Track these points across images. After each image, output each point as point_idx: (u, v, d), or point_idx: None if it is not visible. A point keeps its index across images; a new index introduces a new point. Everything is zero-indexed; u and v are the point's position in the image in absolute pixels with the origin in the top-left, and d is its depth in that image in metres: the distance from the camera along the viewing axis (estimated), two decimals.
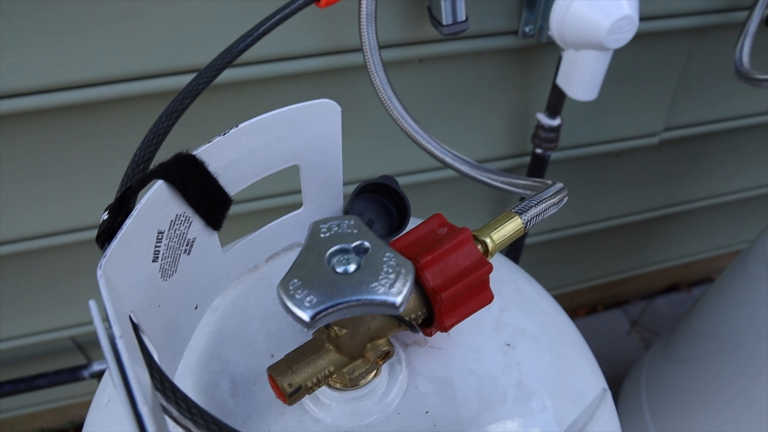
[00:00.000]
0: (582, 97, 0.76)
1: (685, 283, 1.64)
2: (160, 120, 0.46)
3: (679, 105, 1.01)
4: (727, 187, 1.26)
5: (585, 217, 1.18)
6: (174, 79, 0.70)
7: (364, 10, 0.60)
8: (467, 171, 0.62)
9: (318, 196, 0.45)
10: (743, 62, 0.80)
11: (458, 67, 0.82)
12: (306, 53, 0.72)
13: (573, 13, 0.68)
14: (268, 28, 0.57)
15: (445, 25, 0.66)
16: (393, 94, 0.63)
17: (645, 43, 0.89)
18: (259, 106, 0.77)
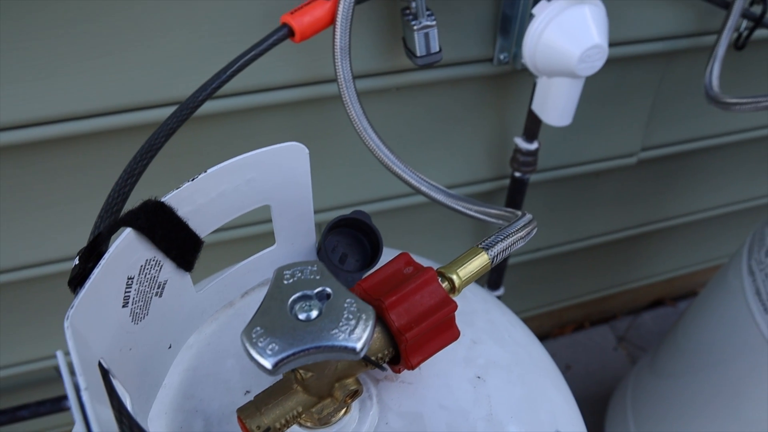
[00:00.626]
0: (557, 122, 0.77)
1: (670, 298, 1.66)
2: (134, 161, 0.47)
3: (654, 125, 1.03)
4: (705, 203, 1.28)
5: (567, 236, 1.20)
6: (153, 112, 0.71)
7: (338, 44, 0.61)
8: (442, 200, 0.63)
9: (290, 233, 0.45)
10: (713, 86, 0.82)
11: (436, 93, 0.83)
12: (284, 84, 0.73)
13: (544, 42, 0.69)
14: (242, 65, 0.58)
15: (419, 56, 0.68)
16: (368, 125, 0.64)
17: (619, 67, 0.91)
18: (240, 136, 0.78)
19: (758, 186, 1.30)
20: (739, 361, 0.89)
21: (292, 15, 0.60)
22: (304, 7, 0.60)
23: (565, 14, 0.68)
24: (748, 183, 1.28)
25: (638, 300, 1.62)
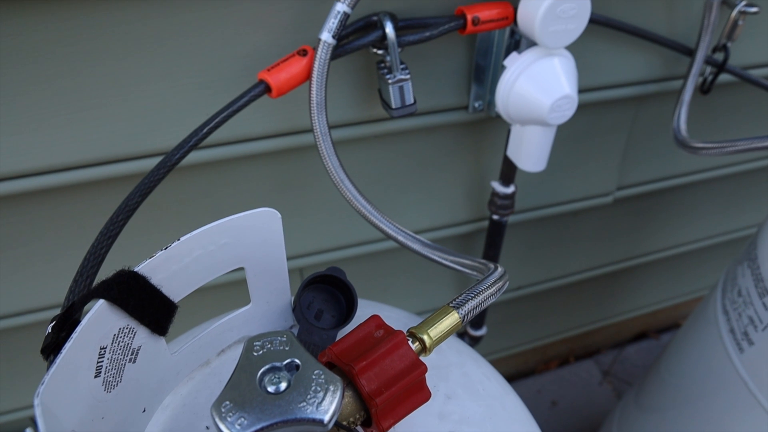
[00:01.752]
0: (531, 168, 0.79)
1: (654, 331, 1.67)
2: (110, 222, 0.47)
3: (628, 165, 1.05)
4: (681, 238, 1.30)
5: (548, 274, 1.21)
6: (135, 163, 0.72)
7: (314, 98, 0.63)
8: (418, 249, 0.64)
9: (265, 292, 0.46)
10: (681, 130, 0.84)
11: (414, 140, 0.85)
12: (264, 135, 0.74)
13: (516, 93, 0.71)
14: (219, 122, 0.59)
15: (394, 108, 0.69)
16: (345, 176, 0.65)
17: (592, 111, 0.94)
18: (222, 185, 0.79)
19: (732, 220, 1.33)
20: (720, 398, 0.89)
21: (269, 72, 0.61)
22: (281, 63, 0.62)
23: (536, 66, 0.70)
24: (722, 217, 1.31)
25: (622, 333, 1.63)
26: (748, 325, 0.74)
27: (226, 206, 0.81)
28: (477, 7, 0.69)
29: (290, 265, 0.92)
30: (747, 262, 0.78)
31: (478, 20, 0.69)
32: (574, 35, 0.68)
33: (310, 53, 0.62)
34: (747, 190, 1.27)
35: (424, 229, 0.96)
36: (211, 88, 0.69)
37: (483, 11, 0.69)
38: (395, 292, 1.07)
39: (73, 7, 0.59)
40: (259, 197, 0.82)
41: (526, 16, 0.67)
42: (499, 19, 0.70)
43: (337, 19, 0.60)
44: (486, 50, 0.76)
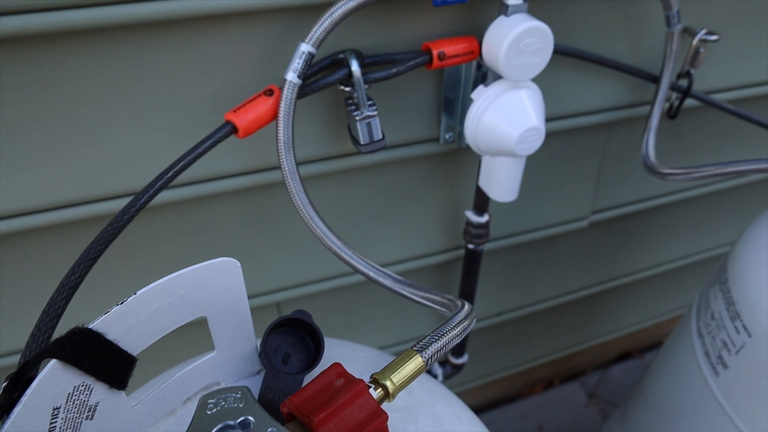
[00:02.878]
0: (503, 198, 0.79)
1: (637, 350, 1.67)
2: (72, 271, 0.47)
3: (602, 189, 1.06)
4: (659, 258, 1.31)
5: (528, 299, 1.21)
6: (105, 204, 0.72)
7: (282, 138, 0.63)
8: (390, 285, 0.64)
9: (230, 339, 0.46)
10: (650, 156, 0.86)
11: (387, 172, 0.85)
12: (233, 173, 0.74)
13: (484, 125, 0.72)
14: (185, 165, 0.59)
15: (362, 144, 0.70)
16: (315, 214, 0.65)
17: (563, 138, 0.95)
18: (192, 223, 0.79)
19: (707, 239, 1.34)
20: (699, 421, 0.89)
21: (235, 113, 0.61)
22: (247, 104, 0.62)
23: (503, 98, 0.71)
24: (697, 237, 1.32)
25: (606, 354, 1.63)
26: (722, 348, 0.75)
27: (199, 244, 0.81)
28: (442, 42, 0.70)
29: (267, 300, 0.92)
30: (719, 285, 0.79)
31: (444, 55, 0.70)
32: (538, 68, 0.69)
33: (276, 93, 0.63)
34: (720, 209, 1.29)
35: (400, 259, 0.96)
36: (179, 128, 0.69)
37: (448, 46, 0.70)
38: (374, 322, 1.06)
39: (39, 53, 0.59)
40: (233, 234, 0.82)
41: (490, 51, 0.68)
42: (464, 54, 0.71)
43: (302, 59, 0.61)
44: (454, 83, 0.77)
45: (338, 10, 0.60)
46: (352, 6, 0.60)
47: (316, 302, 0.98)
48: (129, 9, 0.58)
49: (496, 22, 0.67)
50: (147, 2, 0.58)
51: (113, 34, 0.60)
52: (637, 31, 0.86)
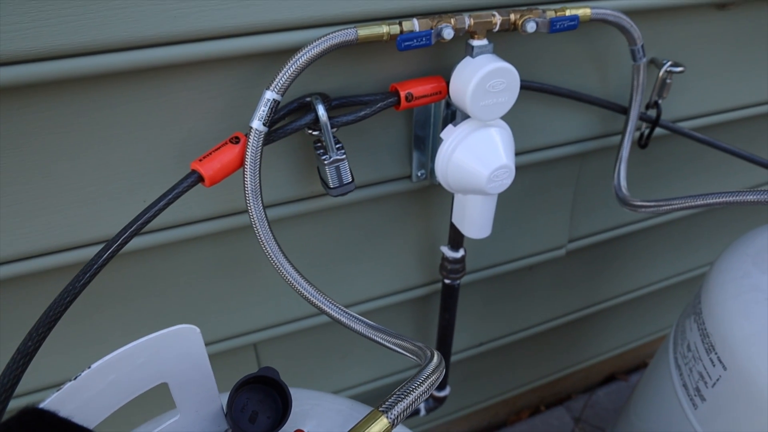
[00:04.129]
0: (476, 235, 0.79)
1: (622, 372, 1.67)
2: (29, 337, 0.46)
3: (578, 218, 1.07)
4: (637, 282, 1.32)
5: (509, 328, 1.21)
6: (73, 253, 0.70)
7: (249, 186, 0.62)
8: (362, 330, 0.63)
9: (193, 402, 0.45)
10: (621, 187, 0.86)
11: (361, 211, 0.85)
12: (203, 218, 0.74)
13: (454, 164, 0.72)
14: (151, 217, 0.58)
15: (332, 187, 0.69)
16: (285, 261, 0.64)
17: (537, 170, 0.95)
18: (163, 268, 0.78)
19: (685, 261, 1.35)
20: None
21: (201, 162, 0.61)
22: (213, 152, 0.62)
23: (472, 137, 0.71)
24: (675, 259, 1.33)
25: (591, 377, 1.63)
26: (699, 381, 0.75)
27: (172, 288, 0.80)
28: (410, 83, 0.70)
29: (244, 341, 0.90)
30: (693, 316, 0.79)
31: (412, 96, 0.70)
32: (506, 107, 0.69)
33: (242, 140, 0.62)
34: (697, 231, 1.30)
35: (378, 295, 0.96)
36: (148, 174, 0.68)
37: (416, 87, 0.70)
38: (354, 358, 1.05)
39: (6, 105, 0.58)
40: (207, 277, 0.81)
41: (457, 92, 0.68)
42: (432, 94, 0.71)
43: (267, 106, 0.60)
44: (424, 122, 0.77)
45: (302, 57, 0.60)
46: (316, 53, 0.60)
47: (294, 341, 0.97)
48: (94, 60, 0.58)
49: (462, 63, 0.68)
50: (112, 53, 0.58)
51: (78, 84, 0.60)
52: (605, 64, 0.87)
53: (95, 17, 0.55)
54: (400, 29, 0.63)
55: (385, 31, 0.63)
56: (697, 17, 0.90)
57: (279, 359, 0.98)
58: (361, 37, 0.62)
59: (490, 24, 0.67)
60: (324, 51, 0.61)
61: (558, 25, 0.69)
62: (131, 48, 0.58)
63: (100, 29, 0.56)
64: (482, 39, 0.68)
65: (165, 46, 0.59)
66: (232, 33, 0.61)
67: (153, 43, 0.59)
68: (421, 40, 0.63)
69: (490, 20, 0.67)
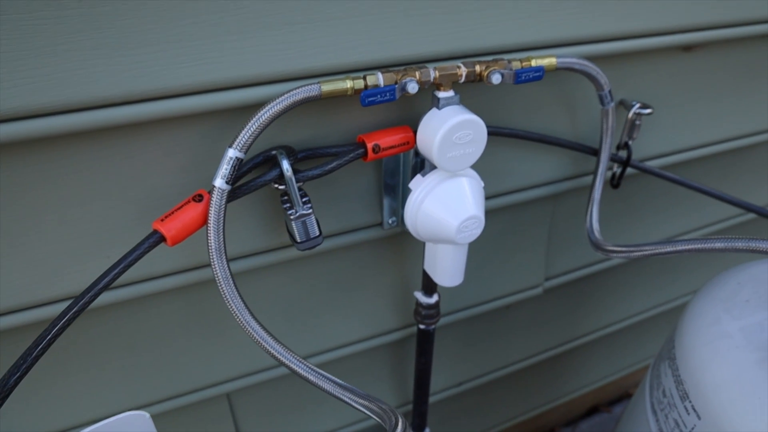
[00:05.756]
0: (448, 283, 0.78)
1: (605, 404, 1.66)
2: None
3: (553, 256, 1.07)
4: (617, 315, 1.32)
5: (488, 367, 1.20)
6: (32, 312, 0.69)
7: (213, 245, 0.61)
8: (331, 390, 0.62)
9: None
10: (594, 230, 0.86)
11: (332, 259, 0.84)
12: (169, 272, 0.72)
13: (423, 214, 0.71)
14: (111, 279, 0.57)
15: (299, 241, 0.68)
16: (252, 319, 0.63)
17: (511, 211, 0.95)
18: (129, 322, 0.76)
19: (664, 292, 1.36)
20: None
21: (162, 222, 0.60)
22: (175, 211, 0.60)
23: (440, 188, 0.71)
24: (653, 290, 1.33)
25: (574, 410, 1.62)
26: (674, 428, 0.74)
27: (139, 343, 0.78)
28: (377, 134, 0.70)
29: (216, 392, 0.89)
30: (668, 361, 0.79)
31: (379, 148, 0.69)
32: (473, 158, 0.69)
33: (205, 198, 0.61)
34: (674, 262, 1.30)
35: (353, 341, 0.94)
36: (111, 232, 0.67)
37: (383, 138, 0.70)
38: (331, 403, 1.03)
39: None
40: (176, 329, 0.79)
41: (424, 143, 0.68)
42: (400, 144, 0.71)
43: (230, 165, 0.60)
44: (393, 170, 0.77)
45: (264, 115, 0.59)
46: (278, 110, 0.60)
47: (267, 389, 0.95)
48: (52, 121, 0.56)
49: (428, 115, 0.68)
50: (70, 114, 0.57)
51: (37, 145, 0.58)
52: (574, 107, 0.88)
53: (52, 78, 0.54)
54: (365, 84, 0.63)
55: (349, 86, 0.63)
56: (665, 59, 0.91)
57: (253, 408, 0.96)
58: (324, 93, 0.62)
59: (456, 76, 0.67)
60: (287, 107, 0.60)
61: (523, 76, 0.69)
62: (89, 108, 0.57)
63: (57, 90, 0.55)
64: (448, 90, 0.67)
65: (124, 105, 0.59)
66: (192, 90, 0.60)
67: (111, 102, 0.58)
68: (385, 95, 0.63)
69: (456, 72, 0.67)
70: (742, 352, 0.68)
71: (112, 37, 0.55)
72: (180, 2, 0.56)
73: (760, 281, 0.77)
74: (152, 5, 0.55)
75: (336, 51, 0.64)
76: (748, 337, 0.69)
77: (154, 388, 0.83)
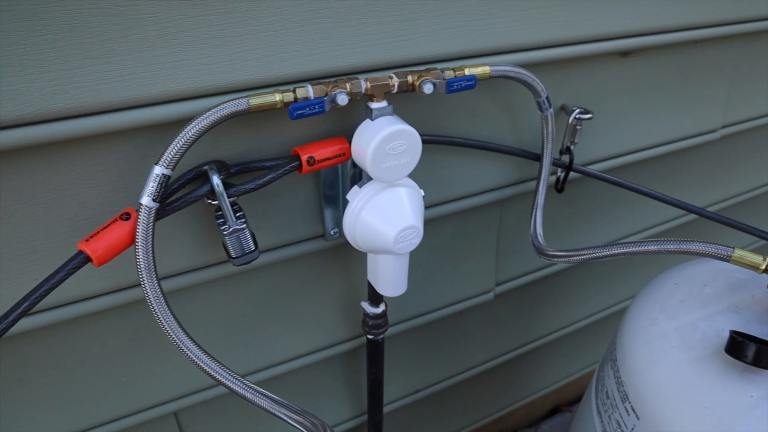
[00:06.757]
0: (391, 293, 0.78)
1: (565, 404, 1.68)
2: None
3: (503, 262, 1.07)
4: (571, 317, 1.33)
5: (445, 373, 1.20)
6: None
7: (142, 264, 0.60)
8: (266, 406, 0.61)
9: None
10: (538, 235, 0.87)
11: (275, 272, 0.83)
12: (101, 292, 0.70)
13: (361, 224, 0.71)
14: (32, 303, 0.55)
15: (234, 257, 0.67)
16: (185, 337, 0.62)
17: (458, 218, 0.96)
18: (64, 344, 0.74)
19: (617, 292, 1.38)
20: None
21: (88, 242, 0.58)
22: (101, 231, 0.59)
23: (378, 198, 0.70)
24: (607, 290, 1.35)
25: (535, 411, 1.63)
26: (617, 429, 0.75)
27: (76, 365, 0.76)
28: (312, 146, 0.70)
29: (163, 411, 0.87)
30: (610, 363, 0.80)
31: (314, 160, 0.69)
32: (408, 168, 0.69)
33: (133, 217, 0.60)
34: (625, 261, 1.32)
35: (302, 353, 0.93)
36: (39, 251, 0.65)
37: (318, 150, 0.69)
38: None
39: None
40: (115, 349, 0.77)
41: (359, 155, 0.68)
42: (335, 156, 0.70)
43: (156, 182, 0.58)
44: (332, 182, 0.77)
45: (191, 130, 0.59)
46: (206, 125, 0.59)
47: (217, 405, 0.93)
48: None
49: (362, 126, 0.68)
50: None
51: None
52: (515, 113, 0.88)
53: None
54: (294, 96, 0.63)
55: (279, 99, 0.62)
56: (603, 65, 0.93)
57: (203, 426, 0.95)
58: (253, 107, 0.61)
59: (388, 87, 0.67)
60: (214, 122, 0.59)
61: (455, 85, 0.69)
62: (8, 127, 0.56)
63: None
64: (381, 101, 0.67)
65: (45, 123, 0.57)
66: (116, 107, 0.59)
67: (31, 120, 0.56)
68: (314, 108, 0.63)
69: (387, 83, 0.67)
70: (677, 351, 0.69)
71: (28, 54, 0.53)
72: (100, 18, 0.55)
73: (695, 281, 0.78)
74: (69, 21, 0.54)
75: (265, 64, 0.64)
76: (682, 336, 0.70)
77: (96, 411, 0.81)
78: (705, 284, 0.77)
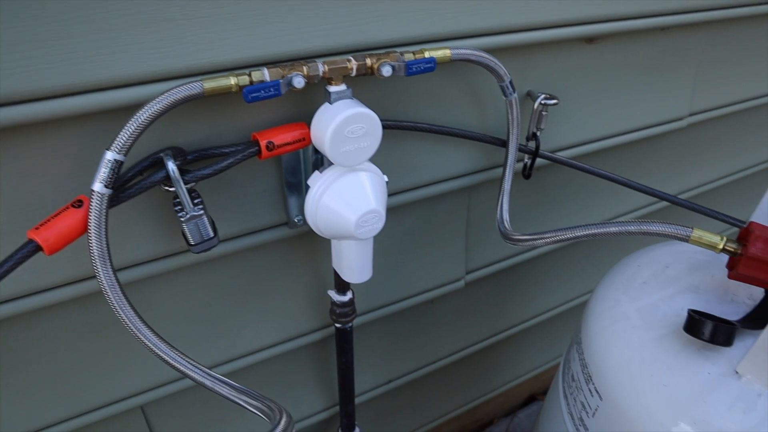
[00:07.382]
0: (356, 280, 0.78)
1: (541, 393, 1.69)
2: None
3: (473, 249, 1.07)
4: (544, 305, 1.34)
5: (418, 363, 1.20)
6: None
7: (95, 252, 0.59)
8: (226, 393, 0.60)
9: None
10: (504, 221, 0.87)
11: (240, 261, 0.82)
12: (57, 284, 0.69)
13: (323, 209, 0.70)
14: None
15: (193, 244, 0.66)
16: (143, 325, 0.61)
17: (426, 205, 0.95)
18: (22, 338, 0.72)
19: (590, 280, 1.39)
20: None
21: (37, 230, 0.57)
22: (52, 219, 0.58)
23: (339, 183, 0.70)
24: (580, 278, 1.36)
25: (511, 400, 1.64)
26: (581, 410, 0.75)
27: (37, 359, 0.74)
28: (271, 131, 0.69)
29: (130, 404, 0.85)
30: (576, 346, 0.80)
31: (273, 145, 0.68)
32: (369, 152, 0.69)
33: (85, 204, 0.59)
34: (596, 248, 1.33)
35: (270, 344, 0.93)
36: None
37: (277, 135, 0.69)
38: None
39: None
40: (76, 343, 0.76)
41: (318, 139, 0.67)
42: (295, 141, 0.70)
43: (108, 168, 0.57)
44: (293, 168, 0.76)
45: (143, 115, 0.57)
46: (158, 109, 0.58)
47: (185, 398, 0.92)
48: None
49: (320, 110, 0.67)
50: None
51: None
52: (481, 98, 0.88)
53: None
54: (250, 80, 0.62)
55: (234, 83, 0.61)
56: (568, 51, 0.93)
57: (171, 419, 0.93)
58: (207, 90, 0.60)
59: (346, 69, 0.67)
60: (167, 107, 0.58)
61: (414, 68, 0.69)
62: None
63: None
64: (340, 84, 0.67)
65: None
66: (63, 92, 0.58)
67: None
68: (269, 91, 0.62)
69: (345, 66, 0.66)
70: (638, 332, 0.69)
71: None
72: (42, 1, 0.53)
73: (658, 263, 0.79)
74: (11, 4, 0.52)
75: (220, 48, 0.63)
76: (644, 317, 0.71)
77: (57, 407, 0.79)
78: (667, 266, 0.78)
